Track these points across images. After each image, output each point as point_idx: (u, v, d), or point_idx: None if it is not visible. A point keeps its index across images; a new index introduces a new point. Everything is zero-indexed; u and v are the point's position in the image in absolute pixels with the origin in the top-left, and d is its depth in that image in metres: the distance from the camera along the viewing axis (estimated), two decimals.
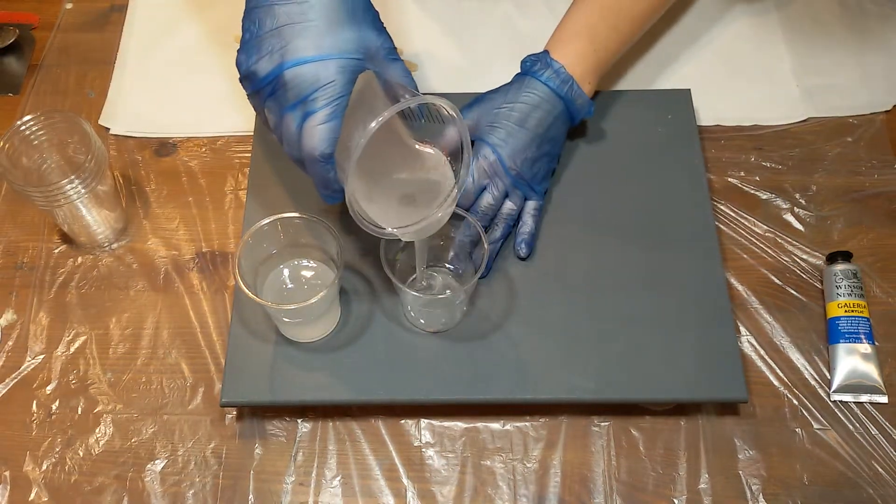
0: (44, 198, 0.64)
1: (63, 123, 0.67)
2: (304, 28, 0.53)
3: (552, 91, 0.67)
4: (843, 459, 0.63)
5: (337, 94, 0.53)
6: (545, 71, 0.67)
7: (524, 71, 0.69)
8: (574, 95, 0.68)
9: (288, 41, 0.53)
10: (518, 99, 0.67)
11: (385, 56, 0.57)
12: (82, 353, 0.68)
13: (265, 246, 0.62)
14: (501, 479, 0.63)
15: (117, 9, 0.87)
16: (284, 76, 0.53)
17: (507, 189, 0.67)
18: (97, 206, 0.69)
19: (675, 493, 0.62)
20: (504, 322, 0.65)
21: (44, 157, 0.69)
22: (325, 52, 0.53)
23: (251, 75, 0.56)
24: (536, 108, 0.67)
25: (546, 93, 0.67)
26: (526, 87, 0.67)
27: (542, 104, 0.67)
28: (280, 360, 0.64)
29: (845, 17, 0.84)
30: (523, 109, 0.67)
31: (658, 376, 0.63)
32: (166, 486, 0.63)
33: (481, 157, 0.67)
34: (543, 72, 0.67)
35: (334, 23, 0.54)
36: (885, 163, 0.76)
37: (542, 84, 0.67)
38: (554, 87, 0.67)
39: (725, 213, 0.73)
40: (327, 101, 0.53)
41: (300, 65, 0.53)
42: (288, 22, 0.54)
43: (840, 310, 0.67)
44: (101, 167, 0.66)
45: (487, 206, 0.67)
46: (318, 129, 0.52)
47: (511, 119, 0.67)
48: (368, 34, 0.55)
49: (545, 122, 0.67)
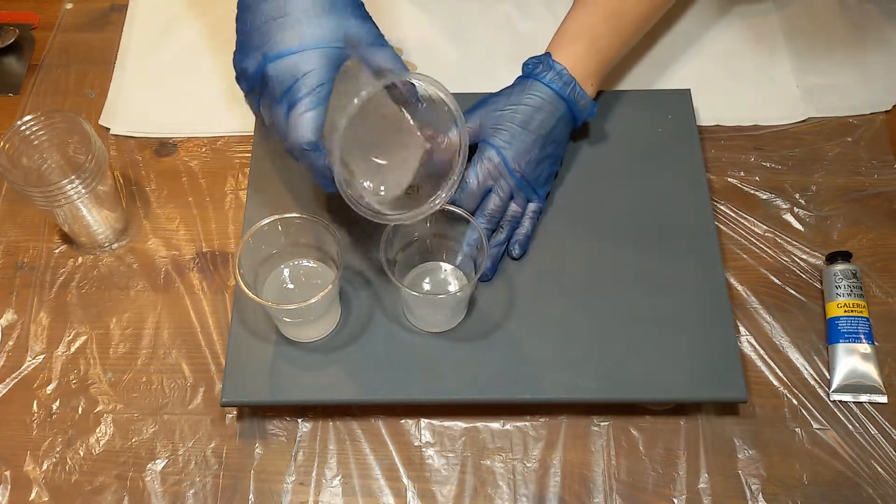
0: (44, 198, 0.64)
1: (63, 123, 0.67)
2: (283, 22, 0.54)
3: (555, 93, 0.67)
4: (842, 459, 0.63)
5: (317, 83, 0.53)
6: (547, 73, 0.67)
7: (526, 73, 0.69)
8: (577, 97, 0.68)
9: (270, 36, 0.54)
10: (521, 101, 0.67)
11: (371, 43, 0.57)
12: (83, 352, 0.68)
13: (265, 246, 0.62)
14: (501, 478, 0.63)
15: (117, 9, 0.87)
16: (268, 70, 0.54)
17: (511, 191, 0.67)
18: (97, 206, 0.69)
19: (675, 492, 0.62)
20: (504, 322, 0.65)
21: (44, 157, 0.69)
22: (305, 42, 0.54)
23: (243, 73, 0.56)
24: (539, 110, 0.67)
25: (549, 94, 0.67)
26: (529, 90, 0.67)
27: (545, 106, 0.67)
28: (280, 360, 0.64)
29: (845, 16, 0.84)
30: (526, 111, 0.67)
31: (658, 376, 0.63)
32: (167, 486, 0.63)
33: (486, 160, 0.67)
34: (546, 74, 0.67)
35: (313, 14, 0.54)
36: (884, 163, 0.76)
37: (544, 86, 0.67)
38: (556, 89, 0.67)
39: (725, 213, 0.74)
40: (308, 90, 0.53)
41: (281, 58, 0.54)
42: (270, 17, 0.55)
43: (840, 310, 0.67)
44: (101, 167, 0.66)
45: (494, 208, 0.67)
46: (302, 119, 0.53)
47: (514, 121, 0.67)
48: (350, 22, 0.56)
49: (548, 124, 0.67)
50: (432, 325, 0.65)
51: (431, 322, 0.65)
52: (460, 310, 0.65)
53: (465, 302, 0.64)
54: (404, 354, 0.64)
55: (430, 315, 0.64)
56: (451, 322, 0.65)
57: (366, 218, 0.56)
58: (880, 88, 0.80)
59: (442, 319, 0.65)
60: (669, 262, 0.68)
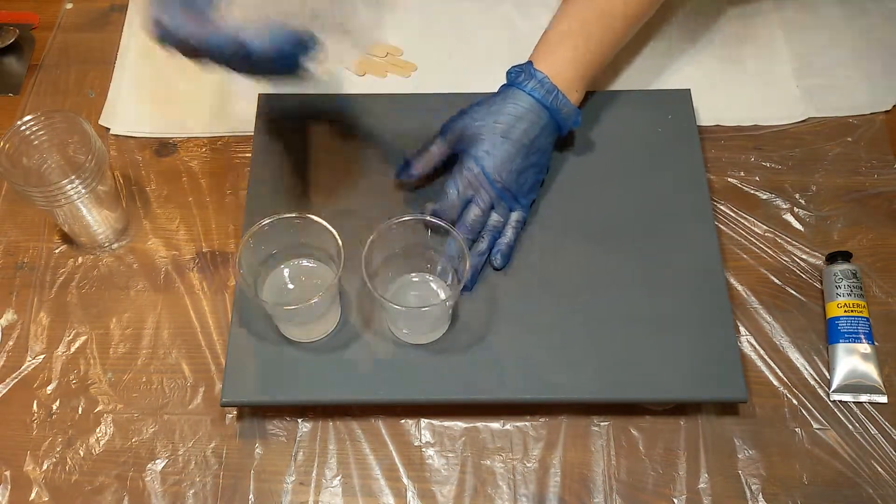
0: (44, 198, 0.64)
1: (63, 123, 0.67)
2: None
3: (537, 101, 0.66)
4: (842, 459, 0.63)
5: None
6: (529, 81, 0.67)
7: (509, 82, 0.68)
8: (559, 105, 0.67)
9: None
10: (503, 110, 0.66)
11: None
12: (83, 352, 0.68)
13: (265, 246, 0.62)
14: (501, 478, 0.63)
15: (117, 9, 0.87)
16: None
17: (492, 201, 0.67)
18: (97, 206, 0.69)
19: (675, 492, 0.62)
20: (505, 322, 0.65)
21: (44, 157, 0.69)
22: None
23: None
24: (521, 119, 0.66)
25: (530, 103, 0.66)
26: (510, 99, 0.67)
27: (527, 115, 0.66)
28: (280, 360, 0.64)
29: (845, 16, 0.85)
30: (507, 121, 0.66)
31: (658, 376, 0.63)
32: (167, 486, 0.63)
33: (465, 170, 0.66)
34: (527, 82, 0.67)
35: None
36: (885, 163, 0.76)
37: (526, 95, 0.67)
38: (538, 98, 0.66)
39: (725, 213, 0.74)
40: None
41: None
42: None
43: (840, 310, 0.67)
44: (101, 167, 0.66)
45: (474, 219, 0.66)
46: None
47: (496, 131, 0.66)
48: None
49: (530, 134, 0.66)
50: (415, 338, 0.64)
51: (414, 334, 0.64)
52: (444, 322, 0.64)
53: (448, 314, 0.64)
54: (404, 354, 0.64)
55: (413, 327, 0.64)
56: (434, 335, 0.64)
57: None
58: (880, 88, 0.80)
59: (426, 331, 0.64)
60: (669, 262, 0.68)
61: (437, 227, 0.61)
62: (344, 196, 0.71)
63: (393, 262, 0.64)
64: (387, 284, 0.65)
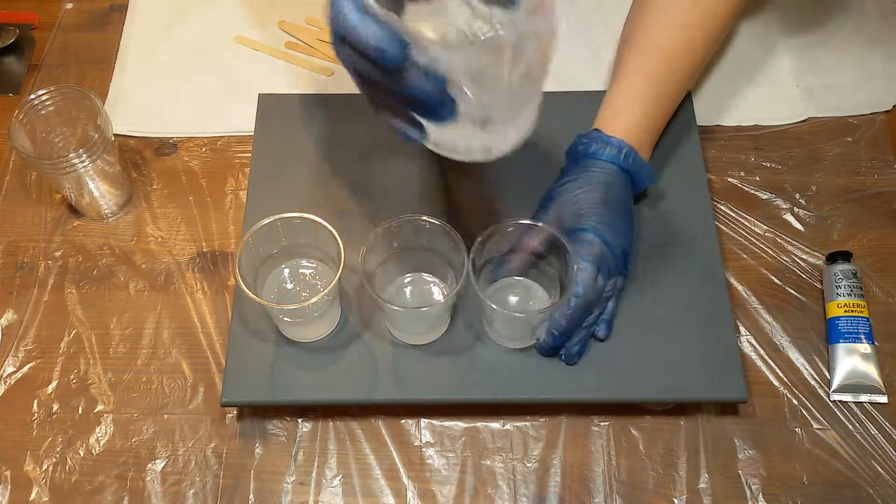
0: (52, 167, 0.66)
1: (73, 95, 0.69)
2: None
3: (617, 167, 0.66)
4: (842, 459, 0.63)
5: None
6: (605, 148, 0.66)
7: (581, 153, 0.67)
8: (638, 167, 0.66)
9: None
10: (591, 181, 0.65)
11: None
12: (83, 352, 0.68)
13: (265, 246, 0.62)
14: (501, 478, 0.63)
15: (117, 9, 0.87)
16: None
17: (610, 269, 0.64)
18: (102, 178, 0.71)
19: (675, 492, 0.62)
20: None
21: (54, 129, 0.71)
22: None
23: None
24: (611, 186, 0.65)
25: (612, 169, 0.65)
26: (591, 168, 0.66)
27: (613, 180, 0.65)
28: (280, 360, 0.64)
29: (845, 17, 0.85)
30: (601, 189, 0.65)
31: (658, 376, 0.63)
32: (167, 486, 0.63)
33: (587, 244, 0.63)
34: (603, 150, 0.66)
35: None
36: (885, 163, 0.76)
37: (605, 162, 0.66)
38: (619, 164, 0.65)
39: (725, 213, 0.74)
40: None
41: None
42: None
43: (840, 310, 0.67)
44: (107, 140, 0.68)
45: (601, 290, 0.64)
46: None
47: (595, 202, 0.64)
48: None
49: (623, 197, 0.66)
50: (412, 339, 0.64)
51: (410, 335, 0.64)
52: (441, 323, 0.64)
53: (445, 316, 0.64)
54: (404, 354, 0.64)
55: (410, 328, 0.64)
56: (432, 336, 0.64)
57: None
58: (880, 88, 0.80)
59: (424, 331, 0.64)
60: (669, 263, 0.68)
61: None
62: (344, 196, 0.71)
63: (392, 262, 0.64)
64: (385, 285, 0.65)
